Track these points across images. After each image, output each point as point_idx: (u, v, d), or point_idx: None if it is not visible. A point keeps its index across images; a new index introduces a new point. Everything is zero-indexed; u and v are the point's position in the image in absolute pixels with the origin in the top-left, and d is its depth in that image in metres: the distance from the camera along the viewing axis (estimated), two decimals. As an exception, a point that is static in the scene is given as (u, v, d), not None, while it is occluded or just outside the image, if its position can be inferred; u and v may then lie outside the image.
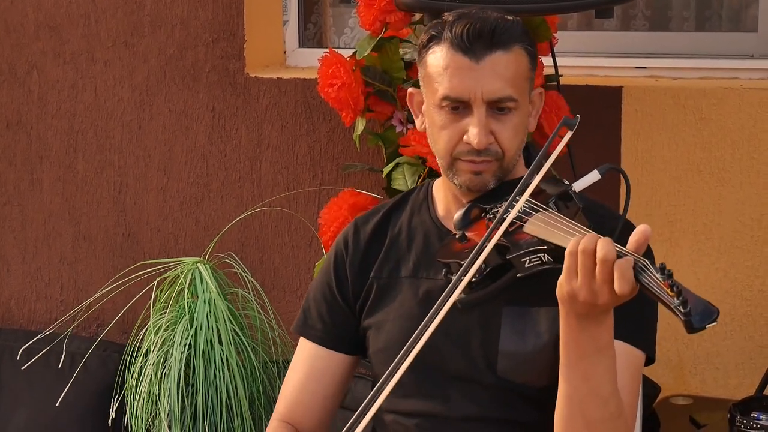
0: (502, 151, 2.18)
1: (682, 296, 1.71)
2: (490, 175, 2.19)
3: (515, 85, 2.17)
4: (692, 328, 1.70)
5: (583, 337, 1.95)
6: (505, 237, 2.01)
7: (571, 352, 1.98)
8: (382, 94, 3.10)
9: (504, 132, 2.17)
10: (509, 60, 2.16)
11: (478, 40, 2.14)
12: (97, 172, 3.88)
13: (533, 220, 2.01)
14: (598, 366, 1.97)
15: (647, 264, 1.78)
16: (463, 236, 2.14)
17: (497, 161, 2.19)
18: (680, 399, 3.24)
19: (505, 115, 2.17)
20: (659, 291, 1.74)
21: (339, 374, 2.38)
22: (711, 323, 1.71)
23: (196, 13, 3.72)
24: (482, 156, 2.17)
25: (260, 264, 3.73)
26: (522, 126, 2.21)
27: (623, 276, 1.80)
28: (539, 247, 1.96)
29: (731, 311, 3.35)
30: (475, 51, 2.14)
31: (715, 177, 3.34)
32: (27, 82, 3.92)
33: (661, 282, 1.74)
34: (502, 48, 2.15)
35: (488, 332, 2.20)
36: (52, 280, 3.98)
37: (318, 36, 4.10)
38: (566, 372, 2.01)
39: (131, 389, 3.37)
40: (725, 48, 3.62)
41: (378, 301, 2.33)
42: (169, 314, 3.36)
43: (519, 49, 2.18)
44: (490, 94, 2.15)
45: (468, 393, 2.22)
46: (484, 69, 2.14)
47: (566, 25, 3.81)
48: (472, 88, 2.15)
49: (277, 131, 3.69)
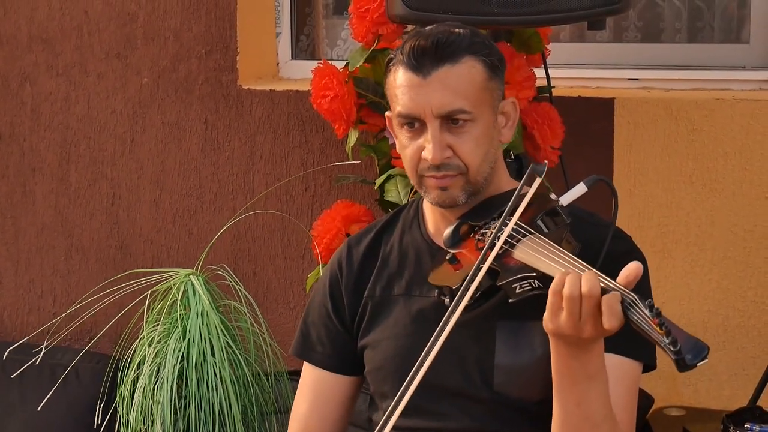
0: (464, 164, 2.18)
1: (672, 335, 1.70)
2: (458, 190, 2.19)
3: (467, 96, 2.16)
4: (684, 366, 1.70)
5: (573, 365, 1.96)
6: (495, 260, 2.02)
7: (563, 379, 1.99)
8: (374, 105, 3.10)
9: (462, 145, 2.17)
10: (459, 72, 2.16)
11: (423, 57, 2.15)
12: (90, 184, 3.88)
13: (521, 246, 2.02)
14: (590, 392, 1.98)
15: (635, 300, 1.78)
16: (453, 258, 2.14)
17: (461, 175, 2.18)
18: (673, 410, 3.24)
19: (460, 128, 2.17)
20: (648, 328, 1.73)
21: (345, 396, 2.39)
22: (702, 361, 1.70)
23: (188, 25, 3.73)
24: (443, 171, 2.17)
25: (253, 276, 3.73)
26: (484, 137, 2.20)
27: (611, 310, 1.81)
28: (528, 273, 1.97)
29: (724, 322, 3.35)
30: (422, 67, 2.15)
31: (707, 188, 3.35)
32: (20, 94, 3.92)
33: (649, 319, 1.73)
34: (448, 61, 2.15)
35: (483, 347, 2.20)
36: (45, 292, 3.97)
37: (311, 48, 4.11)
38: (559, 398, 2.02)
39: (124, 401, 3.36)
40: (717, 59, 3.63)
41: (372, 320, 2.33)
42: (161, 326, 3.35)
43: (470, 60, 2.17)
44: (439, 108, 2.15)
45: (464, 408, 2.22)
46: (432, 84, 2.15)
47: (558, 36, 3.82)
48: (423, 104, 2.15)
49: (270, 143, 3.69)
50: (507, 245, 2.03)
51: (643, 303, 1.76)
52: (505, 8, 2.80)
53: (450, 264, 2.14)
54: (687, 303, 3.37)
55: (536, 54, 3.08)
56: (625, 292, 1.81)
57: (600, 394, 1.99)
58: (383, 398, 2.31)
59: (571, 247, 2.02)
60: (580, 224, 2.15)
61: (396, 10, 2.84)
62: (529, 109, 3.03)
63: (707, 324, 3.36)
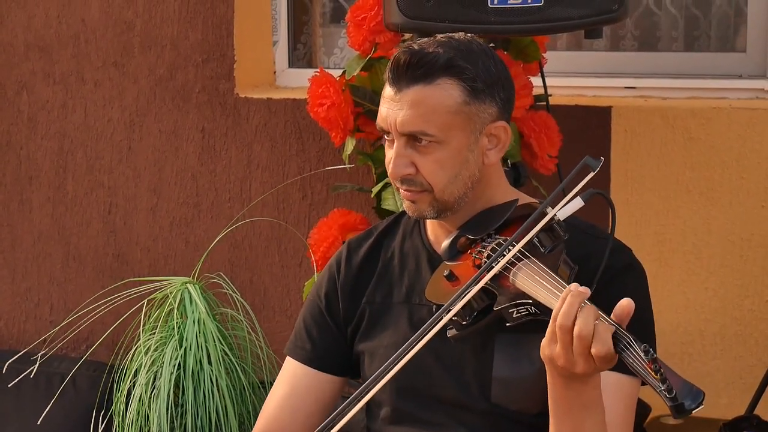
0: (428, 183, 2.17)
1: (667, 382, 1.69)
2: (425, 205, 2.19)
3: (432, 120, 2.14)
4: (681, 412, 1.69)
5: (569, 395, 1.95)
6: (492, 281, 2.01)
7: (558, 408, 1.98)
8: (371, 114, 3.10)
9: (424, 165, 2.16)
10: (431, 94, 2.14)
11: (403, 73, 2.14)
12: (87, 193, 3.87)
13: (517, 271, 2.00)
14: (585, 421, 1.97)
15: (631, 341, 1.77)
16: (450, 274, 2.13)
17: (427, 192, 2.17)
18: (670, 419, 3.23)
19: (425, 147, 2.15)
20: (643, 372, 1.72)
21: (323, 394, 2.37)
22: (698, 407, 1.69)
23: (186, 33, 3.73)
24: (406, 185, 2.18)
25: (250, 284, 3.73)
26: (452, 160, 2.16)
27: (599, 339, 1.81)
28: (524, 300, 1.96)
29: (721, 331, 3.35)
30: (399, 83, 2.14)
31: (704, 197, 3.35)
32: (17, 102, 3.92)
33: (645, 363, 1.72)
34: (423, 81, 2.13)
35: (481, 359, 2.19)
36: (42, 300, 3.97)
37: (308, 56, 4.11)
38: (554, 423, 2.01)
39: (120, 409, 3.35)
40: (714, 68, 3.63)
41: (371, 326, 2.32)
42: (158, 334, 3.35)
43: (446, 82, 2.14)
44: (401, 126, 2.15)
45: (461, 420, 2.21)
46: (402, 101, 2.14)
47: (555, 45, 3.82)
48: (391, 118, 2.16)
49: (267, 151, 3.69)
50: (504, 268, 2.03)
51: (638, 346, 1.74)
52: (502, 17, 2.80)
53: (447, 280, 2.13)
54: (684, 312, 3.37)
55: (533, 62, 3.09)
56: (620, 333, 1.79)
57: (596, 423, 1.98)
58: (380, 406, 2.30)
59: (567, 272, 2.01)
60: (579, 237, 2.14)
61: (393, 19, 2.84)
62: (526, 118, 3.04)
63: (704, 332, 3.36)
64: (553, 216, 2.07)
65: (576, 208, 2.09)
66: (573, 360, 1.86)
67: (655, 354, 1.71)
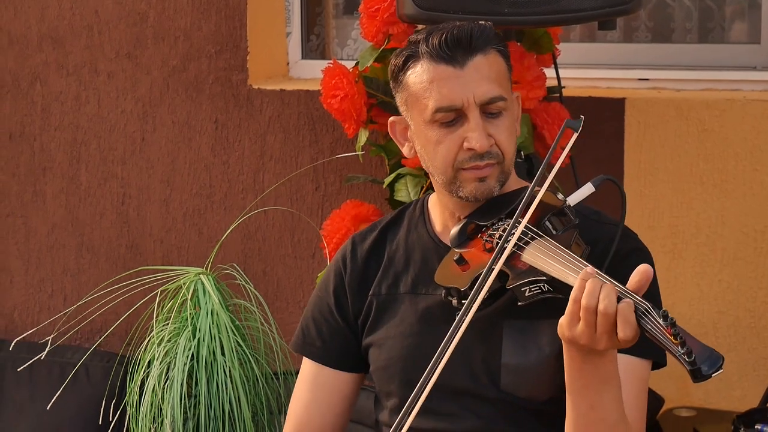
0: (501, 153, 2.18)
1: (686, 345, 1.69)
2: (494, 180, 2.19)
3: (501, 84, 2.18)
4: (699, 376, 1.70)
5: (586, 369, 1.96)
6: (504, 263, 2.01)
7: (576, 382, 1.99)
8: (384, 105, 3.10)
9: (500, 134, 2.17)
10: (492, 61, 2.17)
11: (457, 48, 2.15)
12: (100, 184, 3.88)
13: (531, 249, 2.01)
14: (603, 395, 1.98)
15: (649, 308, 1.77)
16: (461, 258, 2.13)
17: (499, 164, 2.18)
18: (684, 411, 3.23)
19: (497, 117, 2.17)
20: (663, 338, 1.72)
21: (345, 392, 2.38)
22: (717, 372, 1.70)
23: (199, 24, 3.73)
24: (485, 159, 2.16)
25: (263, 275, 3.73)
26: (513, 127, 2.22)
27: (626, 321, 1.80)
28: (538, 277, 1.96)
29: (735, 323, 3.35)
30: (457, 58, 2.15)
31: (718, 188, 3.34)
32: (30, 93, 3.92)
33: (664, 329, 1.72)
34: (480, 52, 2.16)
35: (490, 347, 2.19)
36: (55, 291, 3.98)
37: (321, 48, 4.11)
38: (572, 399, 2.01)
39: (133, 400, 3.36)
40: (728, 60, 3.62)
41: (378, 318, 2.32)
42: (171, 325, 3.36)
43: (495, 51, 2.18)
44: (481, 96, 2.15)
45: (472, 408, 2.21)
46: (469, 74, 2.15)
47: (569, 36, 3.82)
48: (463, 93, 2.15)
49: (280, 143, 3.69)
50: (516, 247, 2.03)
51: (657, 312, 1.74)
52: (516, 8, 2.80)
53: (457, 264, 2.13)
54: (697, 304, 3.37)
55: (546, 54, 3.08)
56: (638, 301, 1.79)
57: (613, 398, 1.99)
58: (388, 397, 2.30)
59: (580, 250, 2.02)
60: (586, 222, 2.15)
61: (406, 10, 2.84)
62: (539, 109, 3.04)
63: (717, 325, 3.36)
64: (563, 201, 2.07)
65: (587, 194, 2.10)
66: (596, 338, 1.86)
67: (673, 319, 1.71)
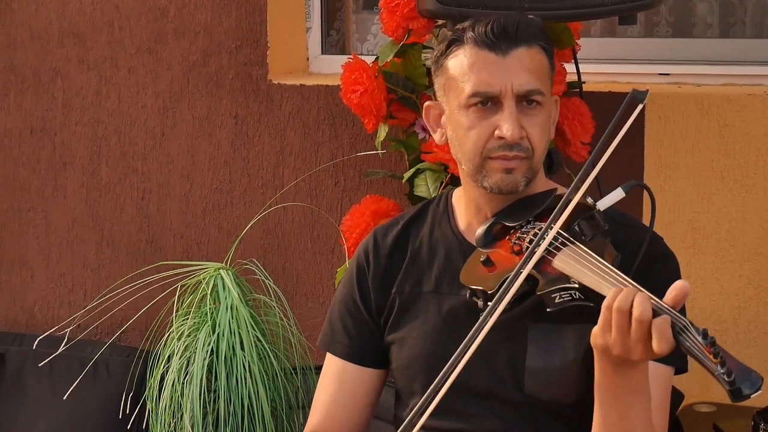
0: (531, 148, 2.16)
1: (726, 365, 1.67)
2: (521, 175, 2.17)
3: (541, 79, 2.17)
4: (739, 397, 1.68)
5: (618, 381, 1.94)
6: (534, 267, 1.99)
7: (606, 393, 1.97)
8: (404, 100, 3.10)
9: (533, 128, 2.16)
10: (535, 55, 2.17)
11: (502, 36, 2.15)
12: (121, 179, 3.89)
13: (562, 255, 1.99)
14: (633, 406, 1.96)
15: (687, 325, 1.75)
16: (488, 259, 2.11)
17: (527, 159, 2.17)
18: (704, 406, 3.22)
19: (533, 109, 2.16)
20: (702, 356, 1.70)
21: (370, 388, 2.37)
22: (757, 392, 1.67)
23: (219, 20, 3.73)
24: (514, 151, 2.15)
25: (282, 270, 3.73)
26: (547, 126, 2.20)
27: (662, 335, 1.78)
28: (570, 285, 1.94)
29: (755, 318, 3.33)
30: (501, 46, 2.15)
31: (738, 184, 3.33)
32: (51, 88, 3.94)
33: (702, 347, 1.70)
34: (525, 44, 2.16)
35: (515, 349, 2.19)
36: (76, 285, 3.99)
37: (341, 43, 4.11)
38: (600, 410, 2.00)
39: (153, 395, 3.37)
40: (749, 54, 3.61)
41: (401, 316, 2.31)
42: (191, 320, 3.36)
43: (539, 47, 2.18)
44: (519, 86, 2.14)
45: (494, 410, 2.20)
46: (511, 63, 2.15)
47: (589, 31, 3.80)
48: (502, 81, 2.14)
49: (299, 138, 3.69)
50: (547, 252, 2.01)
51: (696, 330, 1.72)
52: (536, 3, 2.79)
53: (484, 266, 2.11)
54: (717, 299, 3.36)
55: (567, 49, 3.07)
56: (676, 317, 1.77)
57: (643, 408, 1.97)
58: (411, 396, 2.29)
59: (611, 258, 1.99)
60: (614, 225, 2.13)
61: (426, 5, 2.84)
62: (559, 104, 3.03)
63: (738, 320, 3.35)
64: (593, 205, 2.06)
65: (617, 199, 2.08)
66: (630, 347, 1.84)
67: (713, 338, 1.69)
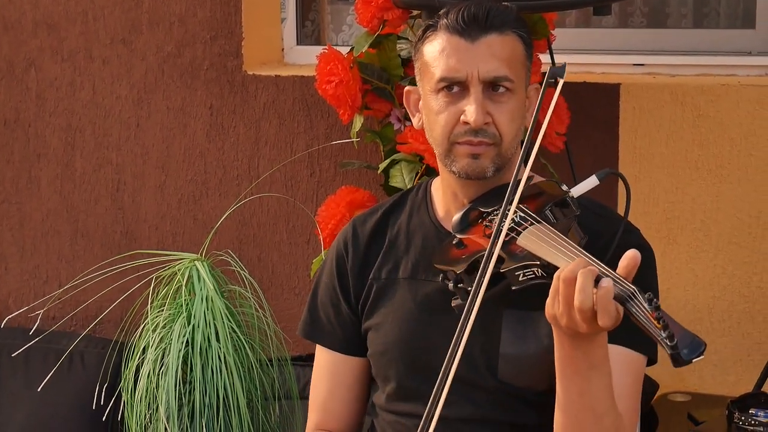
0: (499, 134, 2.17)
1: (668, 329, 1.69)
2: (488, 161, 2.18)
3: (511, 66, 2.17)
4: (679, 361, 1.69)
5: (575, 354, 1.95)
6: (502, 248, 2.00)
7: (566, 368, 1.98)
8: (379, 91, 3.10)
9: (500, 114, 2.17)
10: (507, 42, 2.17)
11: (473, 22, 2.16)
12: (95, 170, 3.88)
13: (526, 233, 2.00)
14: (592, 382, 1.97)
15: (635, 292, 1.77)
16: (459, 242, 2.13)
17: (495, 146, 2.17)
18: (678, 396, 3.23)
19: (501, 96, 2.17)
20: (646, 322, 1.72)
21: (362, 376, 2.39)
22: (698, 357, 1.70)
23: (194, 10, 3.72)
24: (479, 137, 2.16)
25: (258, 261, 3.73)
26: (518, 113, 2.20)
27: (604, 308, 1.79)
28: (532, 261, 1.96)
29: (729, 308, 3.35)
30: (470, 32, 2.16)
31: (713, 174, 3.34)
32: (25, 79, 3.92)
33: (648, 313, 1.72)
34: (496, 30, 2.16)
35: (489, 336, 2.19)
36: (50, 277, 3.97)
37: (316, 33, 4.10)
38: (561, 386, 2.01)
39: (128, 386, 3.36)
40: (723, 45, 3.62)
41: (376, 302, 2.32)
42: (166, 312, 3.35)
43: (513, 34, 2.19)
44: (485, 73, 2.15)
45: (468, 395, 2.21)
46: (479, 49, 2.16)
47: (564, 22, 3.81)
48: (468, 67, 2.15)
49: (275, 128, 3.69)
50: (514, 233, 2.02)
51: (642, 296, 1.75)
52: (511, -7, 2.79)
53: (456, 248, 2.13)
54: (692, 289, 3.37)
55: (541, 39, 3.08)
56: (624, 285, 1.79)
57: (603, 386, 1.98)
58: (386, 382, 2.31)
59: (577, 239, 2.01)
60: (592, 216, 2.14)
61: (401, -5, 2.84)
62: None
63: (712, 310, 3.36)
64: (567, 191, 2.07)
65: (590, 186, 2.10)
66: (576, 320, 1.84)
67: (658, 303, 1.71)
